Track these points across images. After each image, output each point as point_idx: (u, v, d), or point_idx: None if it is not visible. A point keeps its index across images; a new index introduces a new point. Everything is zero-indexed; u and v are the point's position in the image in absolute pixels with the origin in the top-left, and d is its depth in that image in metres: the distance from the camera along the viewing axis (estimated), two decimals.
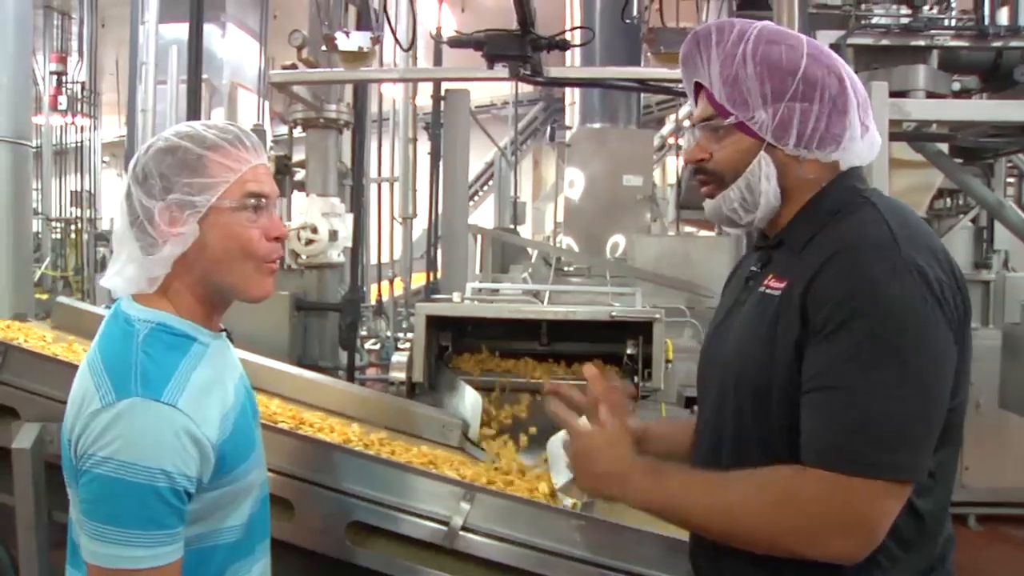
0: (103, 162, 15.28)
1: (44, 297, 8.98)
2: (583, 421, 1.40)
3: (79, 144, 12.94)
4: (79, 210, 12.55)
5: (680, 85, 3.49)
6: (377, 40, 3.02)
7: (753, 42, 1.36)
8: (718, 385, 1.43)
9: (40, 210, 11.87)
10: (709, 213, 1.47)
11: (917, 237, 1.28)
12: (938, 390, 1.22)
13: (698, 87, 1.45)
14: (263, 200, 1.41)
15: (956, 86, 3.69)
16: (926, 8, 3.75)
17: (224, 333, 1.51)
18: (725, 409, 1.39)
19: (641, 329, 3.07)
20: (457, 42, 3.04)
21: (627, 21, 2.86)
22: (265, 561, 1.54)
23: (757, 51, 1.36)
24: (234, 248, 1.39)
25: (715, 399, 1.43)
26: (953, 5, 4.51)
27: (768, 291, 1.35)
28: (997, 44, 3.51)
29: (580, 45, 2.95)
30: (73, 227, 12.68)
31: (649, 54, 2.99)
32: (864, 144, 1.39)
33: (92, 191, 12.80)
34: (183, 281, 1.41)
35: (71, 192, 13.00)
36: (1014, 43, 3.48)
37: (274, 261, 1.45)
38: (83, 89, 12.82)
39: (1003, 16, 3.64)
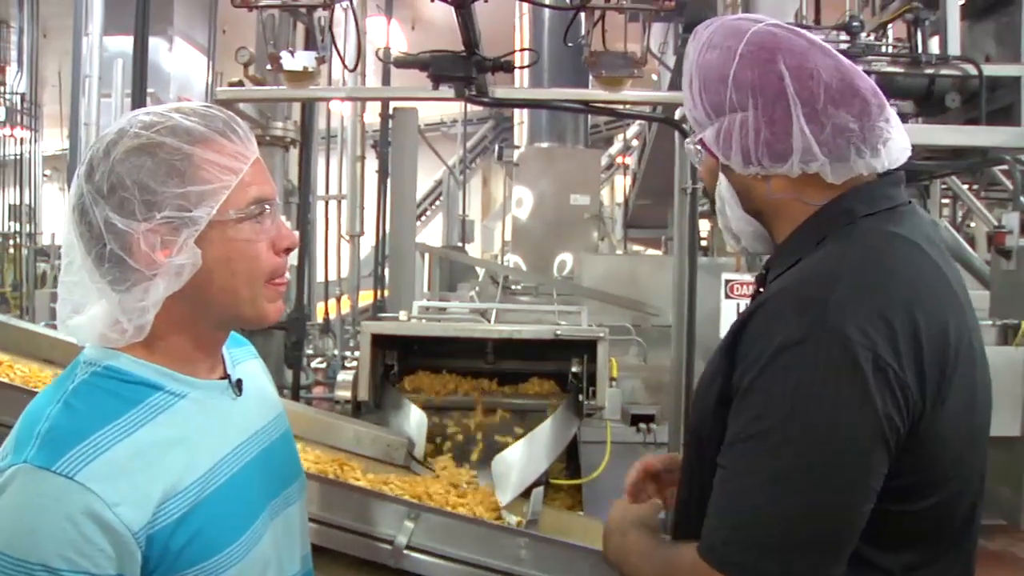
0: (44, 175, 14.99)
1: None
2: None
3: (19, 157, 12.69)
4: (18, 224, 12.30)
5: (624, 107, 3.56)
6: (323, 60, 3.02)
7: (699, 50, 1.21)
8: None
9: None
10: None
11: (871, 290, 1.06)
12: (843, 485, 1.03)
13: None
14: (266, 206, 1.11)
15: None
16: (863, 35, 3.85)
17: (226, 381, 1.19)
18: (690, 439, 1.31)
19: (586, 347, 3.10)
20: (402, 62, 3.06)
21: (569, 44, 2.89)
22: None
23: (699, 59, 1.21)
24: (241, 270, 1.09)
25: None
26: (889, 33, 4.65)
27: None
28: (929, 71, 3.63)
29: (525, 67, 2.98)
30: (12, 242, 12.42)
31: (591, 77, 3.04)
32: (865, 152, 1.13)
33: (32, 205, 12.55)
34: (165, 316, 1.08)
35: (10, 206, 12.75)
36: (944, 71, 3.61)
37: (284, 278, 1.16)
38: (23, 100, 12.56)
39: (934, 45, 3.76)
